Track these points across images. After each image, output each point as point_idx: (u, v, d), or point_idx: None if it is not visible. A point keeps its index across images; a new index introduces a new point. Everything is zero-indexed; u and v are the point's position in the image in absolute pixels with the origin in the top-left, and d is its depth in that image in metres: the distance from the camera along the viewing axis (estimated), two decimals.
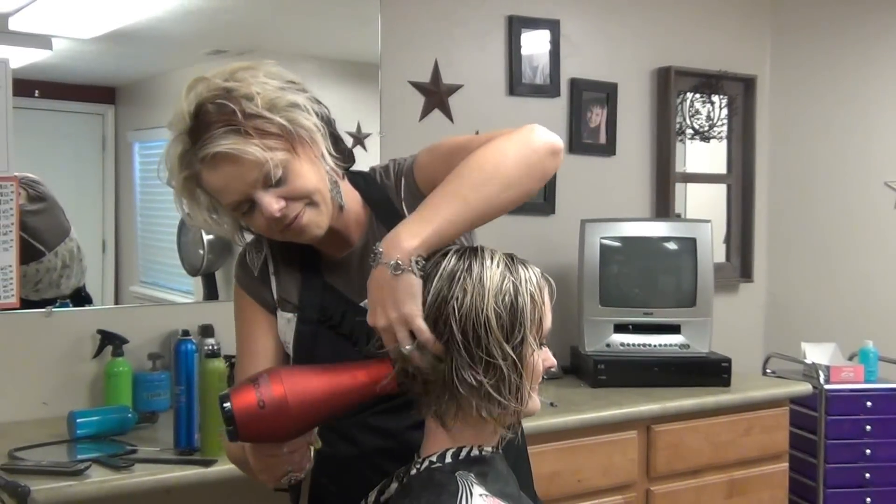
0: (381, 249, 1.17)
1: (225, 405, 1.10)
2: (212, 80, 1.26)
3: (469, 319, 1.12)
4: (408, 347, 1.14)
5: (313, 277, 1.41)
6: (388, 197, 1.42)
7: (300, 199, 1.27)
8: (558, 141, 1.33)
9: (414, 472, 1.19)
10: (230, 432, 1.11)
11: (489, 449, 1.20)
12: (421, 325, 1.14)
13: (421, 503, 1.14)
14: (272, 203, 1.25)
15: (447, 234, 1.21)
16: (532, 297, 1.17)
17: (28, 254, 2.42)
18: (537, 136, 1.30)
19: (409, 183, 1.41)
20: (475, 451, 1.18)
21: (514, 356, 1.13)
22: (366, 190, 1.43)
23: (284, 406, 1.10)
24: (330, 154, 1.33)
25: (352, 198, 1.41)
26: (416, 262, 1.16)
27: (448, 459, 1.17)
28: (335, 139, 1.36)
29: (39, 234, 2.50)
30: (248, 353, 1.43)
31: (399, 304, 1.15)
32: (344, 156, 1.37)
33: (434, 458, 1.18)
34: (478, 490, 1.13)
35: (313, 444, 1.22)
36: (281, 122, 1.25)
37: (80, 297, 2.58)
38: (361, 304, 1.32)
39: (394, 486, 1.22)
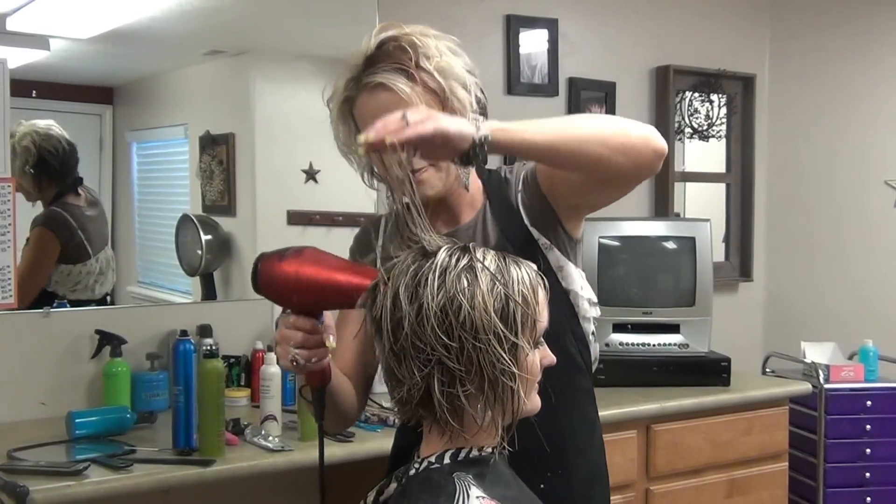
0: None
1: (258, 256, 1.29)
2: (403, 29, 1.44)
3: (458, 324, 1.10)
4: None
5: None
6: (507, 194, 1.53)
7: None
8: (665, 147, 1.39)
9: (412, 472, 1.18)
10: (253, 277, 1.28)
11: (488, 450, 1.19)
12: (411, 135, 1.18)
13: None
14: None
15: (529, 146, 1.35)
16: (525, 299, 1.14)
17: (78, 255, 2.56)
18: (649, 131, 1.39)
19: (527, 183, 1.51)
20: (474, 452, 1.17)
21: (507, 360, 1.11)
22: (488, 182, 1.55)
23: (292, 269, 1.25)
24: None
25: (475, 184, 1.53)
26: (481, 124, 1.26)
27: (446, 460, 1.16)
28: None
29: (91, 237, 2.61)
30: (339, 338, 1.45)
31: (427, 116, 1.21)
32: None
33: (433, 459, 1.17)
34: (475, 492, 1.12)
35: (325, 340, 1.29)
36: (443, 85, 1.41)
37: (105, 304, 2.64)
38: None
39: (392, 486, 1.21)
